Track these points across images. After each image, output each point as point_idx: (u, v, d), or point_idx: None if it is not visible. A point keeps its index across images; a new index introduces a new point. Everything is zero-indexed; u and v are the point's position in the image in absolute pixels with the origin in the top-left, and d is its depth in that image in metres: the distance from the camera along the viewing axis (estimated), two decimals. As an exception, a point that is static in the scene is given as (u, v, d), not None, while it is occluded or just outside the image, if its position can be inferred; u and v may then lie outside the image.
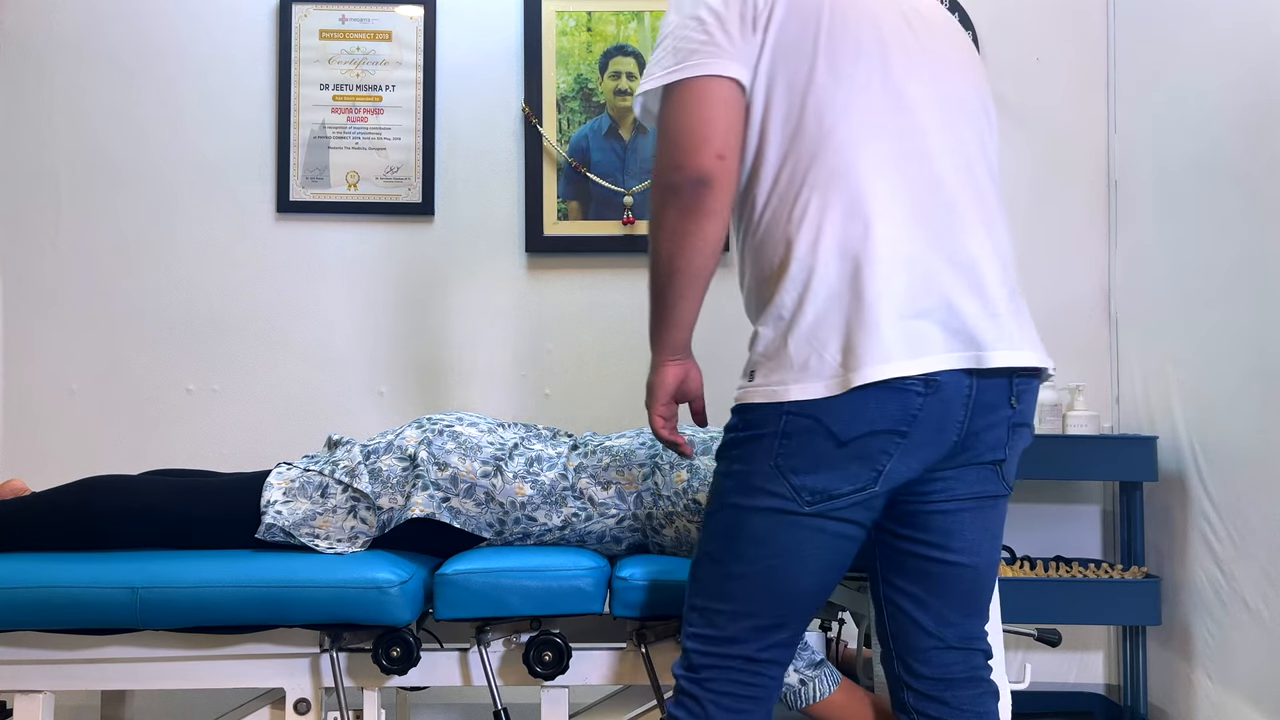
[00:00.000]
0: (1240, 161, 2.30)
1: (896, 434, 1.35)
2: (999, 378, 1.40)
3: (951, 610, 1.50)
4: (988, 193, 1.54)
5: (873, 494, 1.38)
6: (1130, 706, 2.70)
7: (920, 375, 1.34)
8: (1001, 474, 1.47)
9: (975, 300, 1.39)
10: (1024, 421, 1.47)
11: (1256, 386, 2.23)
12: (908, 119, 1.41)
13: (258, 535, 1.82)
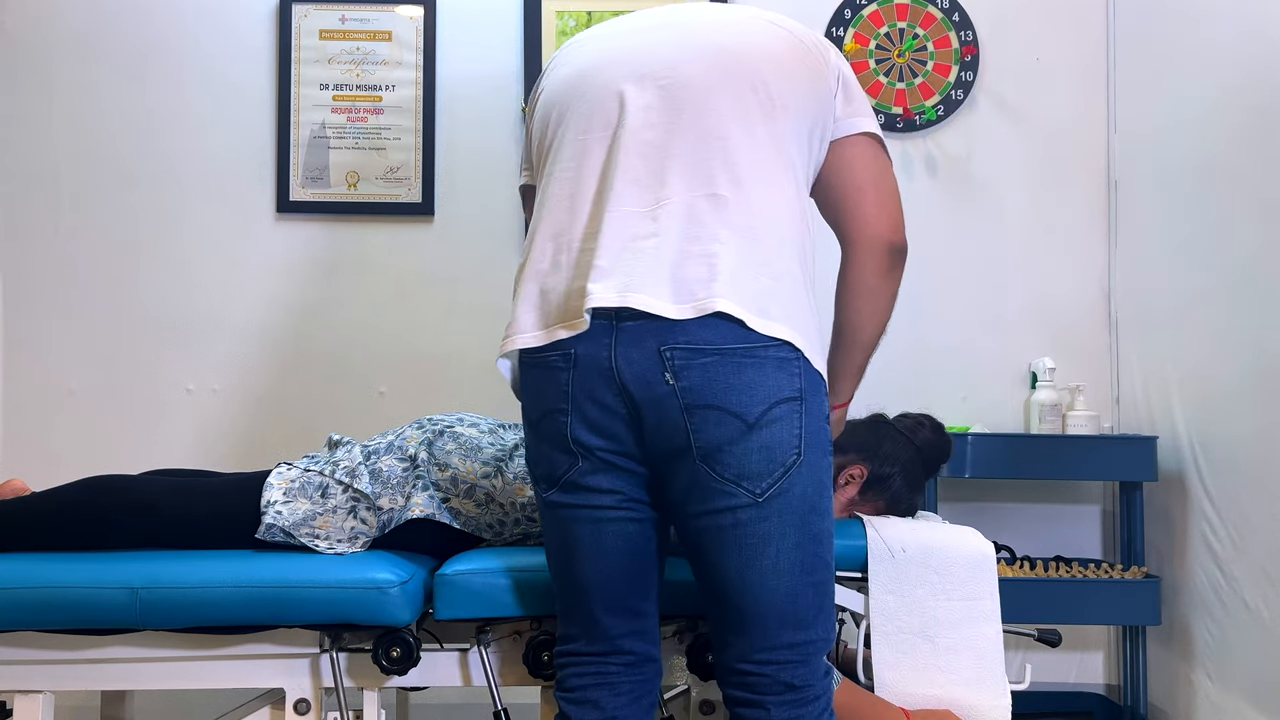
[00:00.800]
0: (1240, 162, 2.30)
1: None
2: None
3: (722, 628, 1.47)
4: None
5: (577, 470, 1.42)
6: (1130, 706, 2.70)
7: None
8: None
9: None
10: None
11: (1256, 386, 2.23)
12: None
13: (258, 535, 1.82)
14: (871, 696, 1.76)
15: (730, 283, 1.35)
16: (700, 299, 1.33)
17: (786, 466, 1.36)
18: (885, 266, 1.56)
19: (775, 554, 1.38)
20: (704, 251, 1.36)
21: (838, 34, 2.92)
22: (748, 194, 1.41)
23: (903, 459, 2.00)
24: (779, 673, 1.41)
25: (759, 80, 1.46)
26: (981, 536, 1.88)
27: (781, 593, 1.39)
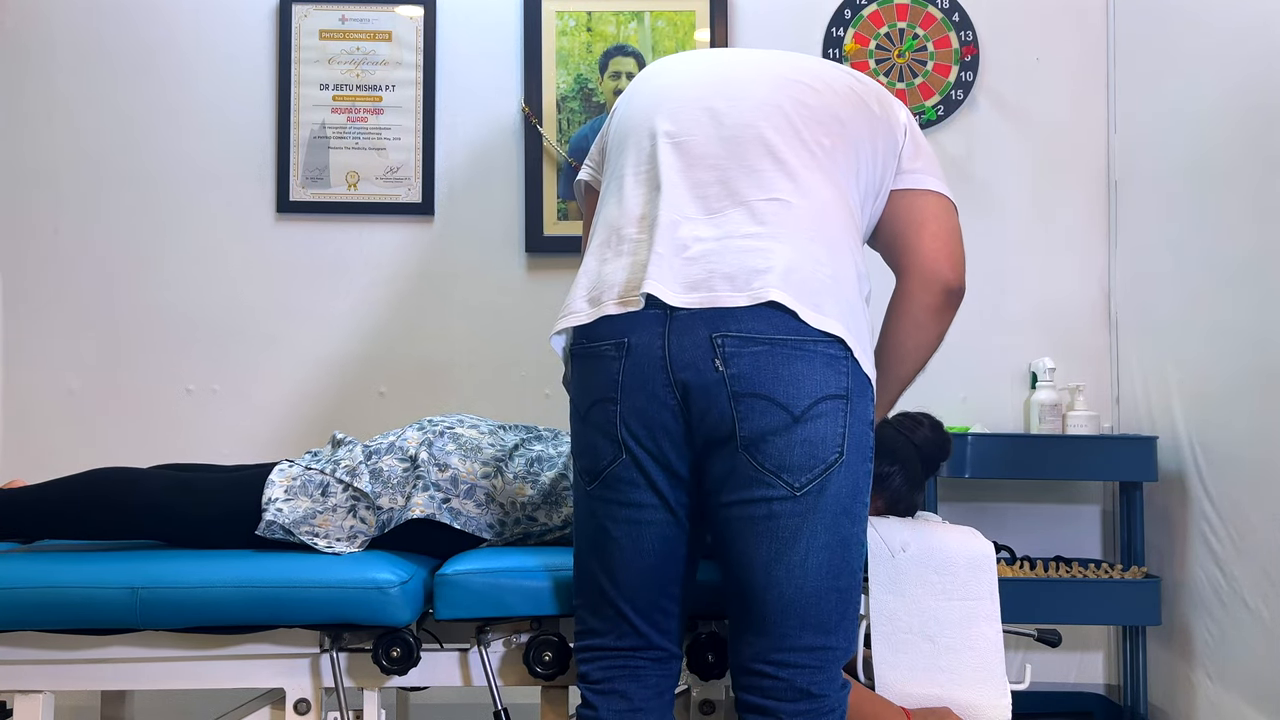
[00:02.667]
0: (1240, 162, 2.30)
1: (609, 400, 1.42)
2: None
3: (739, 626, 1.47)
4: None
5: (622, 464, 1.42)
6: (1130, 706, 2.70)
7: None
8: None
9: None
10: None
11: (1256, 386, 2.23)
12: None
13: (258, 532, 1.82)
14: (872, 695, 1.76)
15: (785, 275, 1.36)
16: (755, 288, 1.34)
17: (828, 464, 1.36)
18: (938, 305, 1.57)
19: (804, 551, 1.37)
20: (762, 247, 1.37)
21: (838, 34, 2.92)
22: (810, 200, 1.44)
23: (902, 458, 2.00)
24: (796, 677, 1.40)
25: (829, 115, 1.50)
26: (981, 536, 1.88)
27: (806, 592, 1.38)
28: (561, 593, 1.77)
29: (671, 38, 2.90)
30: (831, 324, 1.36)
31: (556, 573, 1.78)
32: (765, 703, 1.41)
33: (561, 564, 1.80)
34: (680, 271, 1.37)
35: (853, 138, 1.51)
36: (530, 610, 1.76)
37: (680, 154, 1.47)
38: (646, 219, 1.44)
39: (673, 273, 1.37)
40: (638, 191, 1.49)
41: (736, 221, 1.40)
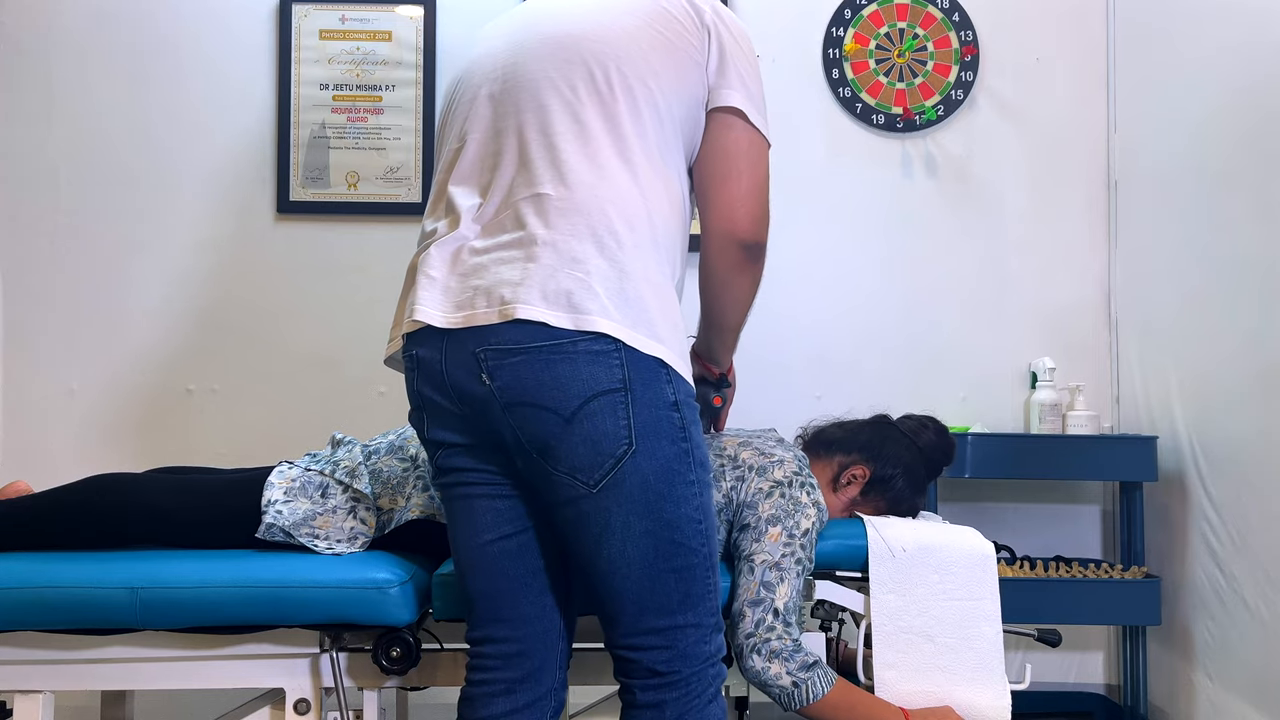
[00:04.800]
0: (1240, 162, 2.30)
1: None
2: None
3: (600, 613, 1.51)
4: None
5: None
6: (1130, 706, 2.70)
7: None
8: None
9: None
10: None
11: (1256, 386, 2.23)
12: None
13: (258, 535, 1.82)
14: (868, 696, 1.76)
15: (535, 285, 1.36)
16: (506, 304, 1.36)
17: (617, 457, 1.36)
18: (734, 261, 1.55)
19: (621, 543, 1.39)
20: (519, 255, 1.39)
21: (838, 34, 2.92)
22: (574, 190, 1.41)
23: (905, 461, 2.00)
24: (644, 658, 1.44)
25: (598, 65, 1.46)
26: (981, 536, 1.88)
27: (634, 579, 1.40)
28: (561, 593, 1.76)
29: (671, 38, 2.89)
30: (593, 321, 1.34)
31: (556, 573, 1.78)
32: (624, 680, 1.47)
33: (561, 564, 1.80)
34: (451, 291, 1.43)
35: (648, 71, 1.47)
36: (530, 610, 1.76)
37: (463, 153, 1.52)
38: (431, 225, 1.53)
39: (444, 295, 1.43)
40: (434, 192, 1.57)
41: (500, 225, 1.43)
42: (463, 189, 1.49)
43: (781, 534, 1.77)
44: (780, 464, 1.85)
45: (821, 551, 1.84)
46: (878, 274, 2.91)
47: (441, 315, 1.41)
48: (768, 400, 2.79)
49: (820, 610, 1.98)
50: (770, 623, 1.71)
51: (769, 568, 1.74)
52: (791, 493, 1.81)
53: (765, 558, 1.75)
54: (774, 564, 1.75)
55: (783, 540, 1.76)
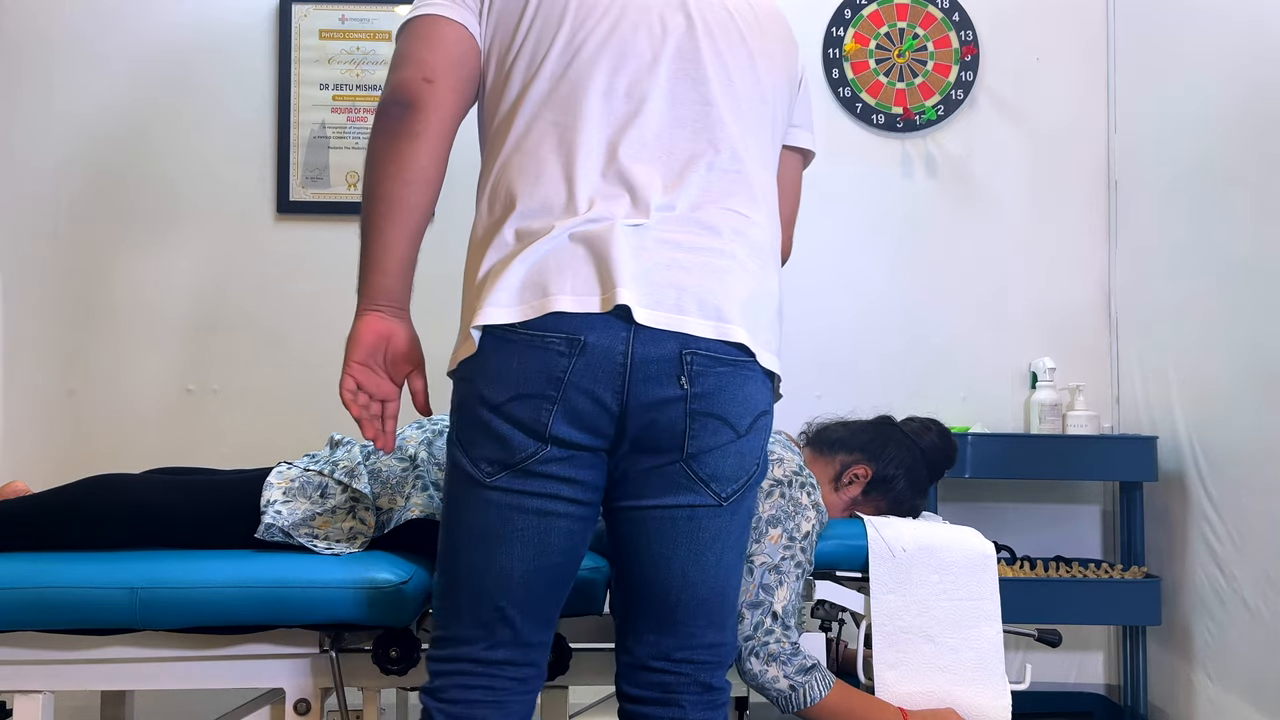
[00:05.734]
0: (1240, 162, 2.30)
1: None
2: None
3: (641, 625, 1.41)
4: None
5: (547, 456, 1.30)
6: (1130, 706, 2.70)
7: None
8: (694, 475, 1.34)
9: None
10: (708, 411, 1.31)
11: (1256, 386, 2.23)
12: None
13: (257, 535, 1.82)
14: (867, 697, 1.76)
15: (736, 300, 1.33)
16: (723, 322, 1.31)
17: (751, 475, 1.38)
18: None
19: (720, 553, 1.38)
20: (725, 267, 1.34)
21: (838, 34, 2.92)
22: (762, 209, 1.42)
23: (907, 462, 2.00)
24: (697, 672, 1.40)
25: (761, 80, 1.47)
26: (982, 536, 1.88)
27: (715, 592, 1.39)
28: (561, 593, 1.76)
29: (671, 38, 2.89)
30: (762, 346, 1.36)
31: (556, 573, 1.78)
32: (666, 696, 1.41)
33: (561, 564, 1.80)
34: (648, 282, 1.29)
35: (776, 99, 1.47)
36: (530, 610, 1.76)
37: (641, 123, 1.36)
38: (605, 196, 1.33)
39: (644, 286, 1.29)
40: (594, 138, 1.35)
41: (702, 226, 1.34)
42: (645, 168, 1.34)
43: (782, 536, 1.77)
44: (780, 463, 1.85)
45: (821, 551, 1.84)
46: (878, 274, 2.91)
47: (643, 311, 1.27)
48: (768, 400, 2.79)
49: (820, 610, 1.98)
50: (769, 625, 1.71)
51: (768, 570, 1.74)
52: (792, 493, 1.81)
53: (765, 560, 1.75)
54: (773, 566, 1.75)
55: (783, 543, 1.76)
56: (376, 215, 1.39)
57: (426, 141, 1.40)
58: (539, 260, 1.30)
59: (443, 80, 1.40)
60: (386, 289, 1.43)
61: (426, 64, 1.40)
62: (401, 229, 1.40)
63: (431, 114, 1.40)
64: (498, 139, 1.42)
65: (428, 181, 1.41)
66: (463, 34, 1.42)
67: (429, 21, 1.43)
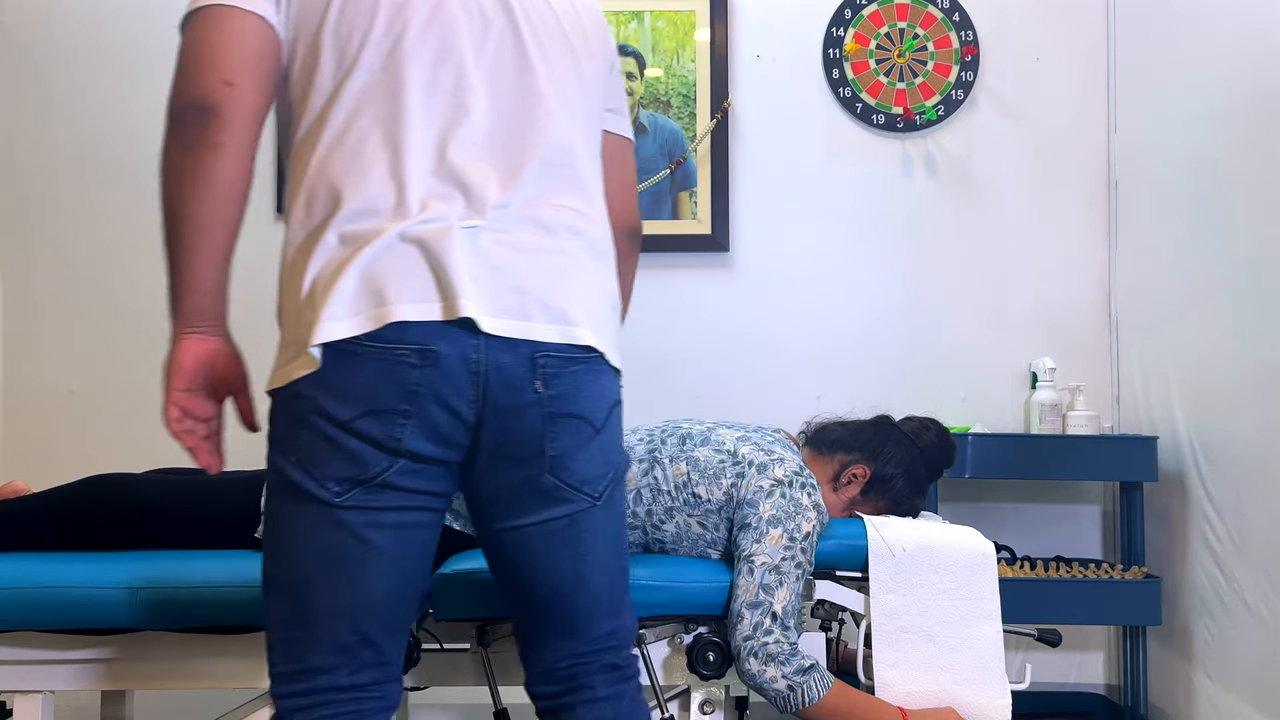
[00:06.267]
0: (1240, 162, 2.30)
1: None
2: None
3: (543, 634, 1.40)
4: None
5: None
6: (1130, 706, 2.70)
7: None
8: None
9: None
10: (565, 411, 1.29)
11: (1256, 386, 2.23)
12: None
13: (257, 535, 1.82)
14: (866, 697, 1.76)
15: (587, 308, 1.33)
16: (568, 325, 1.29)
17: (619, 468, 1.38)
18: (635, 250, 1.62)
19: (603, 547, 1.38)
20: (563, 267, 1.32)
21: (838, 34, 2.92)
22: (594, 204, 1.40)
23: (906, 462, 2.00)
24: (602, 657, 1.41)
25: (584, 69, 1.44)
26: (981, 536, 1.88)
27: (605, 583, 1.40)
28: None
29: (671, 38, 2.90)
30: (616, 356, 1.36)
31: (556, 573, 1.78)
32: (576, 684, 1.40)
33: (561, 564, 1.80)
34: (490, 288, 1.24)
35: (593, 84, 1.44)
36: (530, 610, 1.76)
37: (470, 124, 1.29)
38: (438, 197, 1.26)
39: (486, 292, 1.24)
40: (422, 135, 1.28)
41: (534, 224, 1.30)
42: (477, 166, 1.29)
43: (782, 536, 1.77)
44: (780, 462, 1.85)
45: (821, 551, 1.84)
46: (878, 274, 2.91)
47: (490, 320, 1.23)
48: (768, 400, 2.80)
49: (820, 610, 1.98)
50: (768, 626, 1.71)
51: (769, 570, 1.74)
52: (792, 493, 1.81)
53: (765, 560, 1.75)
54: (774, 567, 1.75)
55: (783, 543, 1.76)
56: (185, 235, 1.32)
57: (231, 152, 1.29)
58: (371, 265, 1.23)
59: (243, 81, 1.27)
60: (203, 310, 1.34)
61: (224, 64, 1.26)
62: (214, 247, 1.32)
63: (234, 121, 1.28)
64: (312, 136, 1.31)
65: (237, 195, 1.31)
66: (260, 25, 1.28)
67: (220, 14, 1.27)
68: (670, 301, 2.88)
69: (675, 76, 2.89)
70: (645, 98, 2.89)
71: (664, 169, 2.86)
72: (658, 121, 2.88)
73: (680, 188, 2.88)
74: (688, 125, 2.89)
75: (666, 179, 2.87)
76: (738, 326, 2.89)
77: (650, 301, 2.89)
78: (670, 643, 1.84)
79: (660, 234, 2.85)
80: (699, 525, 1.87)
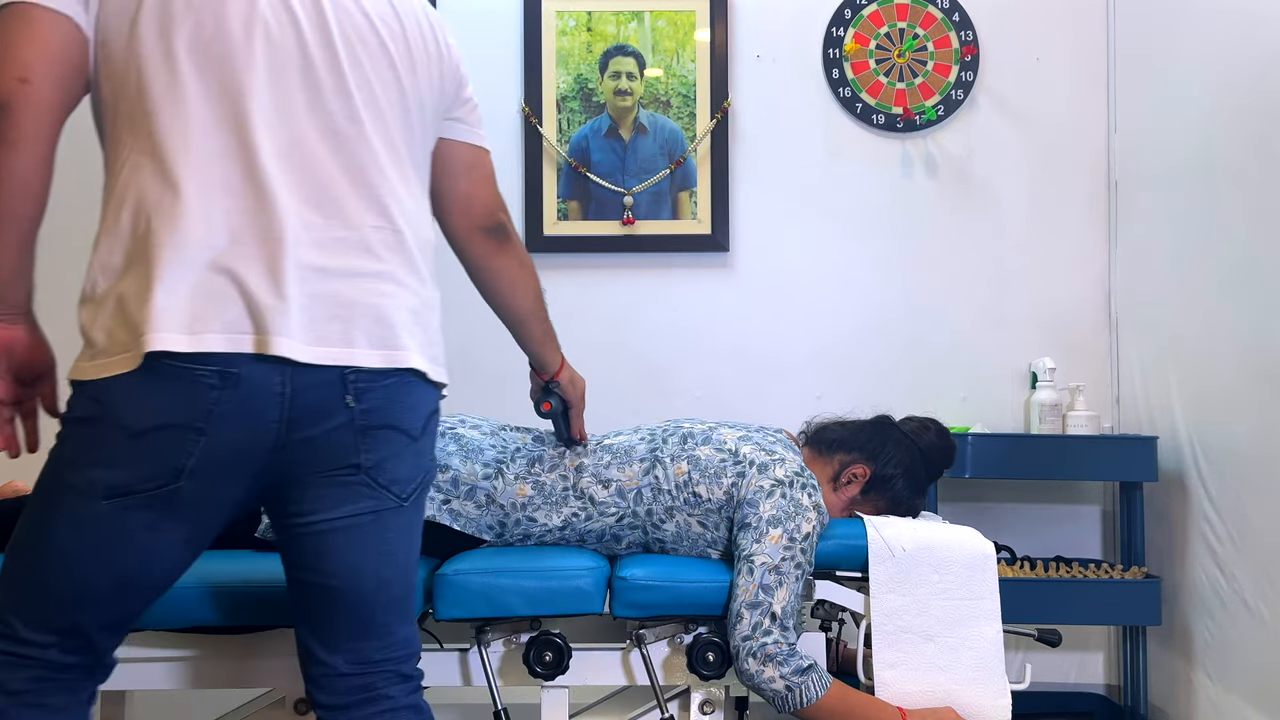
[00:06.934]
0: (1240, 161, 2.30)
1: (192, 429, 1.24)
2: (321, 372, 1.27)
3: (339, 635, 1.39)
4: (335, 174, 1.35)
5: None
6: (1130, 706, 2.70)
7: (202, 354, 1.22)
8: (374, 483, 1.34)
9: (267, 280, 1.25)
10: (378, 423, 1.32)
11: (1256, 386, 2.23)
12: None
13: (257, 534, 1.82)
14: (865, 697, 1.76)
15: (409, 327, 1.37)
16: (391, 349, 1.33)
17: (428, 471, 1.43)
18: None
19: (406, 548, 1.41)
20: (385, 290, 1.35)
21: (838, 34, 2.92)
22: (409, 214, 1.43)
23: (906, 462, 2.00)
24: (396, 666, 1.42)
25: (404, 86, 1.48)
26: (981, 536, 1.88)
27: (406, 586, 1.43)
28: (561, 593, 1.77)
29: (671, 38, 2.90)
30: (441, 372, 1.44)
31: (556, 573, 1.78)
32: (370, 695, 1.41)
33: (561, 564, 1.80)
34: (308, 317, 1.26)
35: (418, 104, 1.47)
36: (530, 610, 1.76)
37: (265, 136, 1.29)
38: (247, 214, 1.26)
39: (303, 321, 1.25)
40: (231, 151, 1.28)
41: (353, 248, 1.31)
42: (289, 186, 1.29)
43: (782, 537, 1.77)
44: (781, 463, 1.85)
45: (821, 551, 1.84)
46: (878, 274, 2.91)
47: (303, 349, 1.25)
48: (768, 400, 2.80)
49: (820, 610, 1.99)
50: (767, 626, 1.71)
51: (768, 570, 1.74)
52: (793, 494, 1.81)
53: (765, 560, 1.75)
54: (774, 567, 1.75)
55: (783, 544, 1.76)
56: None
57: (25, 148, 1.29)
58: (182, 288, 1.23)
59: (41, 79, 1.27)
60: (8, 299, 1.32)
61: (20, 61, 1.25)
62: (9, 241, 1.31)
63: (28, 117, 1.27)
64: (123, 141, 1.34)
65: (33, 193, 1.32)
66: (63, 23, 1.28)
67: (24, 11, 1.26)
68: (670, 301, 2.88)
69: (675, 76, 2.89)
70: (645, 98, 2.89)
71: (664, 169, 2.87)
72: (658, 121, 2.88)
73: (680, 188, 2.88)
74: (688, 125, 2.89)
75: (666, 179, 2.87)
76: (738, 326, 2.89)
77: (650, 301, 2.89)
78: (670, 643, 1.85)
79: (660, 234, 2.85)
80: (699, 525, 1.87)
